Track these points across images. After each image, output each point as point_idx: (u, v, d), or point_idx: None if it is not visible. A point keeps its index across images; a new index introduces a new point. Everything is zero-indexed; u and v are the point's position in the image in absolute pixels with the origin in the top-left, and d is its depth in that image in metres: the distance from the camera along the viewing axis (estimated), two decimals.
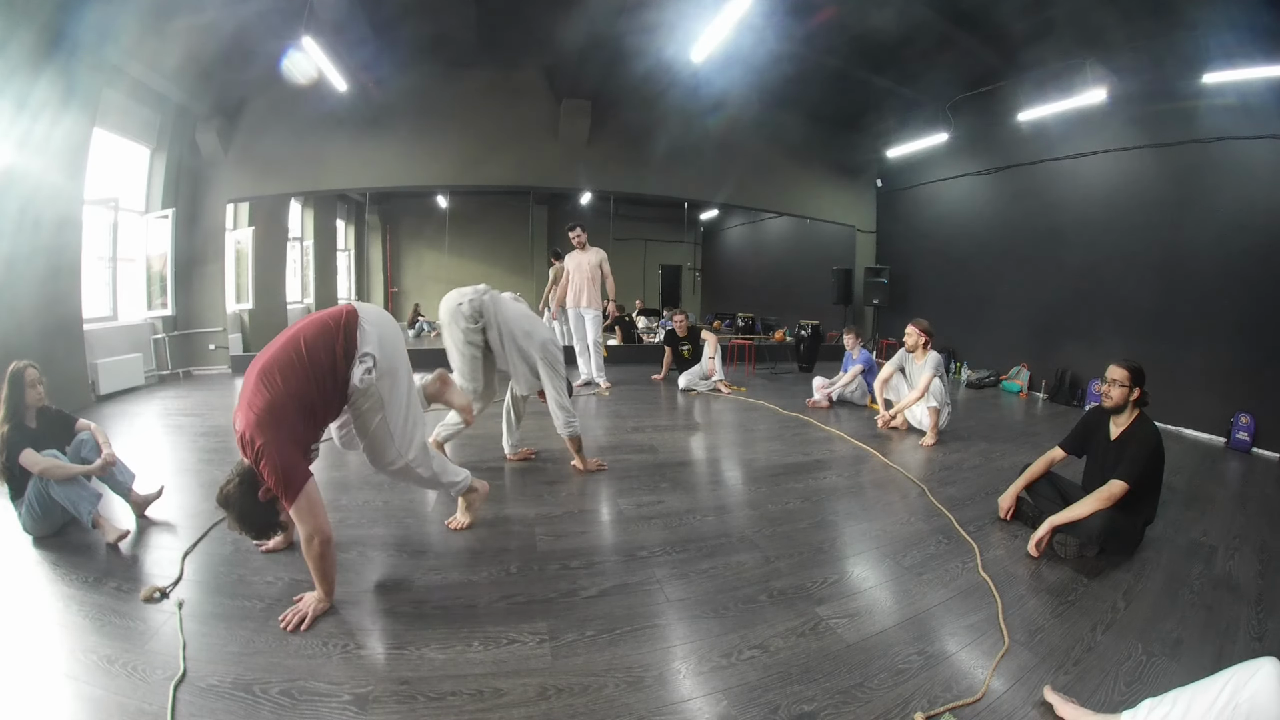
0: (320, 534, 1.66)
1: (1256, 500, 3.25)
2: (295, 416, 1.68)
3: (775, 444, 3.85)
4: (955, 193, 7.51)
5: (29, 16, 3.72)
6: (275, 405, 1.65)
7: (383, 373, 1.82)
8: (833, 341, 7.80)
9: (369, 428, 1.88)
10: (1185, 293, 4.94)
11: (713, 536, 2.38)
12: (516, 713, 1.38)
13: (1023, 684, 1.53)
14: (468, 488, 2.31)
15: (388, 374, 1.84)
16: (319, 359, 1.74)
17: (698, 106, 7.13)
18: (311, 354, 1.74)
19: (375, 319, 1.89)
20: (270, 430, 1.61)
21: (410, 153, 6.87)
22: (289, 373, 1.70)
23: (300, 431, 1.71)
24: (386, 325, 1.93)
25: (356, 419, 1.90)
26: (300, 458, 1.68)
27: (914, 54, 5.96)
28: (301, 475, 1.64)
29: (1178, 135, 4.96)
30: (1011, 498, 2.65)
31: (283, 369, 1.70)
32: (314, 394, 1.73)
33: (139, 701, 1.36)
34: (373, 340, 1.82)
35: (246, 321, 6.99)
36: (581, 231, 5.34)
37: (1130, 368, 2.39)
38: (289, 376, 1.69)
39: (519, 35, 6.14)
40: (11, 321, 3.87)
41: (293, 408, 1.67)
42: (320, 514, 1.68)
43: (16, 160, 3.85)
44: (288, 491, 1.61)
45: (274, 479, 1.61)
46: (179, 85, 5.53)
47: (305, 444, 1.76)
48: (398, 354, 1.91)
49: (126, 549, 2.14)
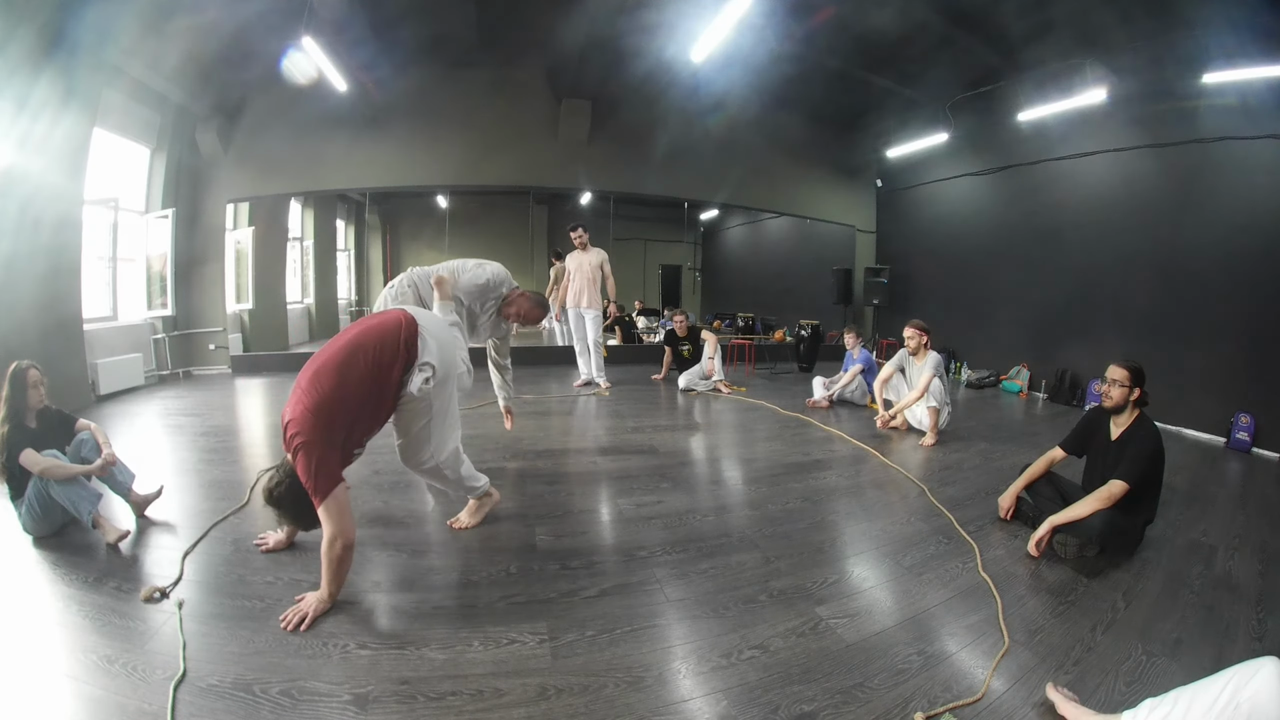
0: (344, 537, 1.69)
1: (1256, 500, 3.25)
2: (340, 420, 1.73)
3: (775, 444, 3.85)
4: (955, 193, 7.51)
5: (29, 16, 3.72)
6: (322, 406, 1.69)
7: (439, 381, 1.89)
8: (833, 341, 7.80)
9: (411, 429, 1.94)
10: (1185, 293, 4.94)
11: (713, 536, 2.38)
12: (516, 713, 1.38)
13: (1023, 684, 1.53)
14: (484, 493, 2.36)
15: (442, 382, 1.91)
16: (376, 367, 1.79)
17: (698, 106, 7.13)
18: (369, 361, 1.78)
19: (434, 329, 1.95)
20: (311, 430, 1.66)
21: (410, 153, 6.87)
22: (343, 377, 1.74)
23: (342, 435, 1.75)
24: (444, 333, 2.01)
25: (400, 418, 1.94)
26: (335, 460, 1.72)
27: (914, 54, 5.96)
28: (332, 478, 1.68)
29: (1178, 135, 4.96)
30: (1011, 498, 2.65)
31: (338, 371, 1.74)
32: (365, 400, 1.78)
33: (139, 701, 1.36)
34: (433, 350, 1.88)
35: (246, 321, 6.99)
36: (583, 232, 5.35)
37: (1130, 368, 2.39)
38: (343, 381, 1.74)
39: (519, 35, 6.15)
40: (11, 321, 3.87)
41: (339, 411, 1.72)
42: (347, 518, 1.71)
43: (16, 160, 3.85)
44: (317, 491, 1.66)
45: (306, 476, 1.65)
46: (179, 85, 5.53)
47: (346, 448, 1.81)
48: (452, 363, 1.99)
49: (126, 549, 2.14)
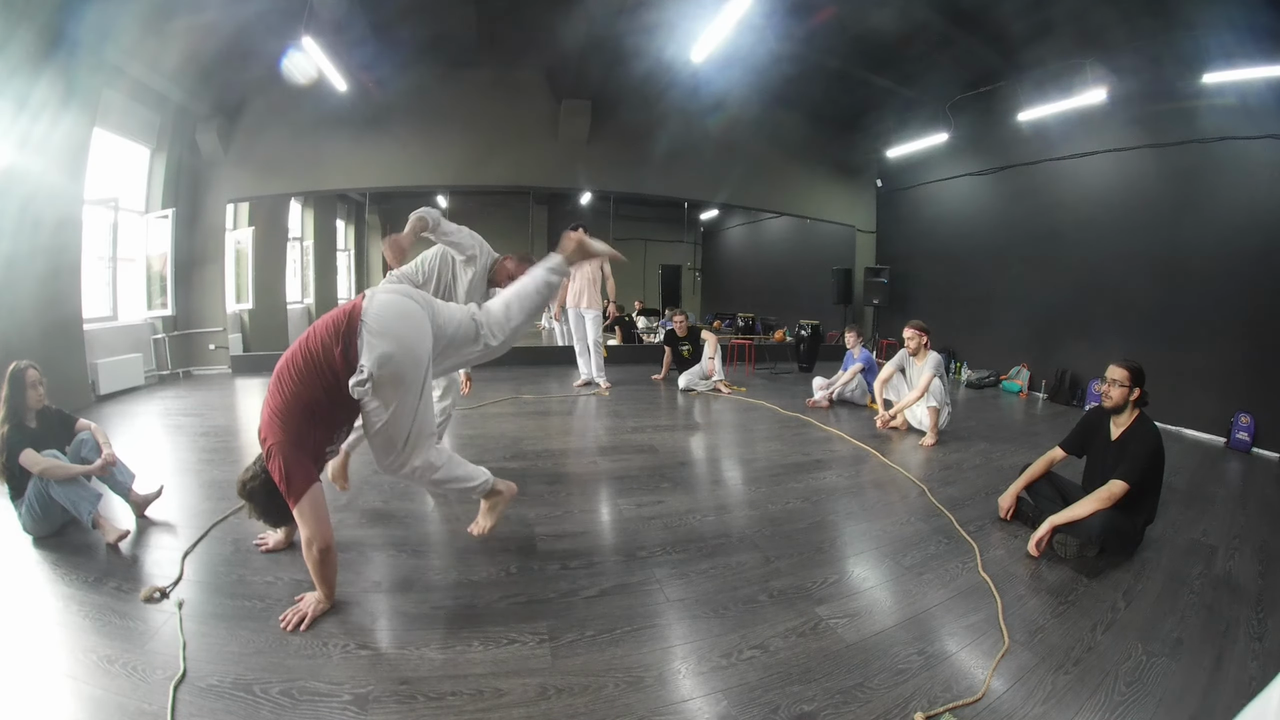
0: (320, 539, 1.66)
1: (1256, 500, 3.25)
2: (301, 420, 1.68)
3: (775, 444, 3.85)
4: (955, 193, 7.51)
5: (29, 16, 3.72)
6: (281, 409, 1.67)
7: (383, 381, 1.70)
8: (833, 341, 7.80)
9: (371, 429, 1.82)
10: (1185, 293, 4.93)
11: (713, 536, 2.38)
12: (516, 713, 1.38)
13: (1023, 684, 1.53)
14: (489, 489, 2.10)
15: (390, 382, 1.71)
16: (319, 364, 1.70)
17: (698, 106, 7.12)
18: (311, 359, 1.71)
19: (385, 320, 1.73)
20: (277, 432, 1.64)
21: (410, 153, 6.87)
22: (293, 376, 1.70)
23: (307, 434, 1.70)
24: (398, 324, 1.75)
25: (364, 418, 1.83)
26: (305, 461, 1.68)
27: (914, 54, 5.96)
28: (304, 479, 1.65)
29: (1178, 135, 4.96)
30: (1011, 498, 2.65)
31: (289, 372, 1.71)
32: (320, 398, 1.70)
33: (139, 701, 1.36)
34: (375, 348, 1.68)
35: (246, 321, 6.99)
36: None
37: (1130, 368, 2.39)
38: (293, 379, 1.69)
39: (519, 35, 6.14)
40: (11, 321, 3.87)
41: (298, 410, 1.67)
42: (322, 519, 1.68)
43: (16, 160, 3.85)
44: (289, 493, 1.63)
45: (279, 478, 1.63)
46: (179, 85, 5.53)
47: (315, 447, 1.74)
48: (408, 357, 1.73)
49: (126, 549, 2.14)
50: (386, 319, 1.73)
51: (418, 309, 1.82)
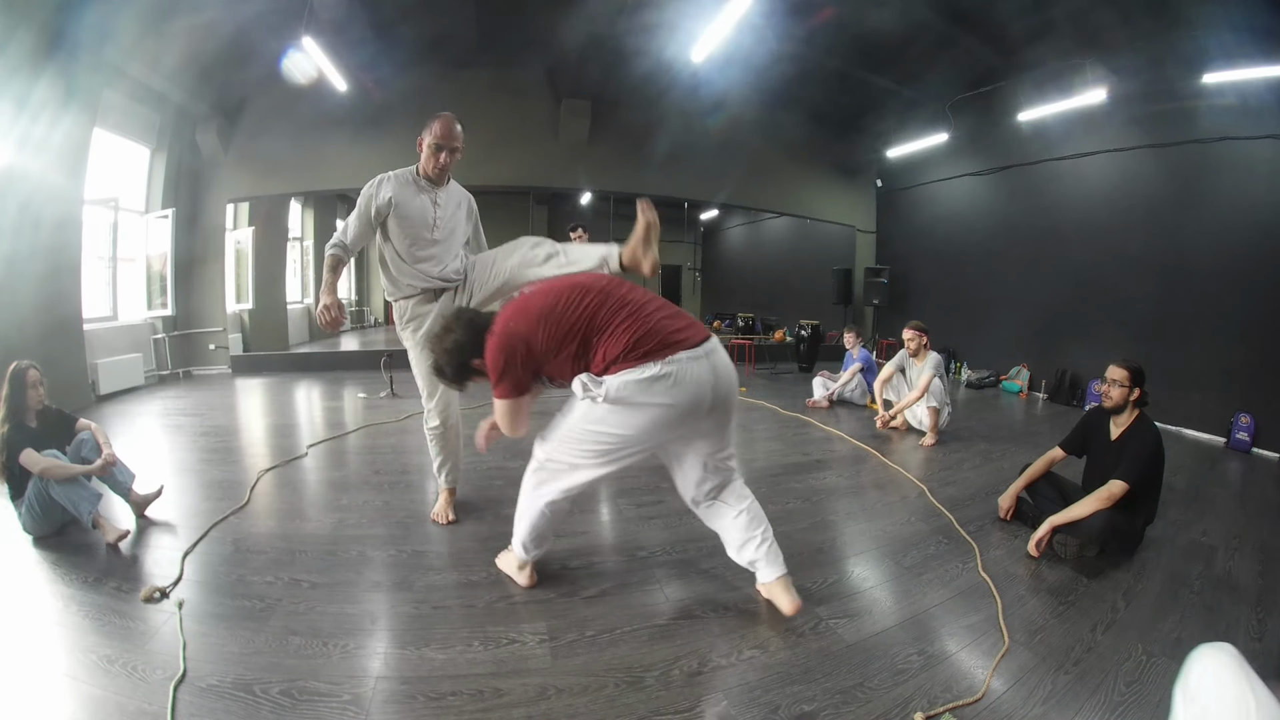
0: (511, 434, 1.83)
1: (1256, 500, 3.25)
2: (551, 340, 1.59)
3: (775, 444, 3.85)
4: (955, 193, 7.51)
5: (29, 16, 3.73)
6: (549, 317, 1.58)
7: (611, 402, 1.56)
8: (833, 341, 7.79)
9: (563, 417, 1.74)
10: (1185, 293, 4.93)
11: (713, 536, 2.35)
12: (516, 713, 1.38)
13: (1022, 684, 1.53)
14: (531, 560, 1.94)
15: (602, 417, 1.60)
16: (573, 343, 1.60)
17: (698, 106, 7.12)
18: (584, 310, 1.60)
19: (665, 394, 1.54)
20: (521, 326, 1.61)
21: (410, 153, 6.84)
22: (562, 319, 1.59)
23: (542, 357, 1.61)
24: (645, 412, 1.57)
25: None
26: (525, 376, 1.64)
27: (914, 54, 5.96)
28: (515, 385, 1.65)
29: (1178, 135, 4.96)
30: (1011, 498, 2.65)
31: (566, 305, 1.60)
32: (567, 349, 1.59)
33: (139, 701, 1.36)
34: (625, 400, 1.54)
35: (246, 321, 6.99)
36: (583, 232, 5.34)
37: (1130, 368, 2.39)
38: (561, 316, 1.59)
39: (519, 35, 6.14)
40: (11, 321, 3.87)
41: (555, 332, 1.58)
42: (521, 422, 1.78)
43: (16, 160, 3.86)
44: (496, 386, 1.67)
45: (492, 368, 1.64)
46: (179, 85, 5.53)
47: (535, 369, 1.65)
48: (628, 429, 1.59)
49: (126, 549, 2.14)
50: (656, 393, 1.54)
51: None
